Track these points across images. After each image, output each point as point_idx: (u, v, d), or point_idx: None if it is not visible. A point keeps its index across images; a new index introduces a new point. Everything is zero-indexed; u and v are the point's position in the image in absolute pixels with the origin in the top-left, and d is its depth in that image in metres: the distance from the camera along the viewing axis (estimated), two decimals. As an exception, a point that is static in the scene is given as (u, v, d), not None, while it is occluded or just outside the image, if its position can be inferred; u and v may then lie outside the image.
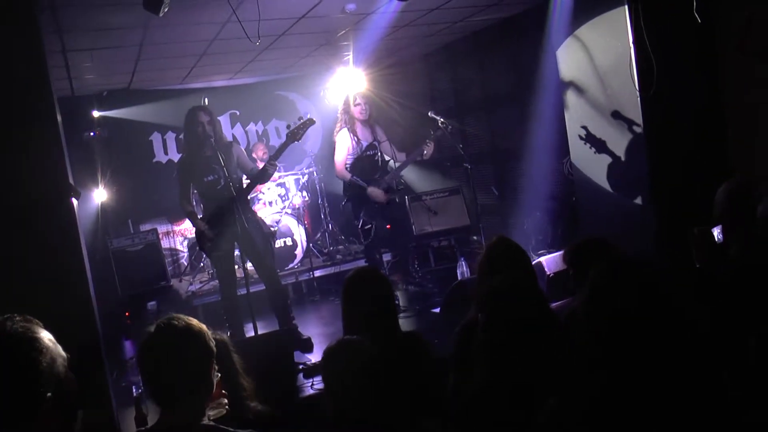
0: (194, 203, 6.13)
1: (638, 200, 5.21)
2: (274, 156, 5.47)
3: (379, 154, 6.52)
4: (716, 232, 3.04)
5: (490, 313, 2.44)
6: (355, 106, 6.45)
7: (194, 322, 2.12)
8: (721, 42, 5.02)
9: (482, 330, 2.44)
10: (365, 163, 6.46)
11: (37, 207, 3.57)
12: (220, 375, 2.29)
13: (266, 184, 8.01)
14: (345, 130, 6.48)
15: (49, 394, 1.41)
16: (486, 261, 3.26)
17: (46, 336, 1.48)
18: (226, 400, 2.39)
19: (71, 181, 3.86)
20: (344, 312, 3.13)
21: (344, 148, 6.46)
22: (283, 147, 5.44)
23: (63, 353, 1.51)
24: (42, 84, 3.66)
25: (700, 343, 2.08)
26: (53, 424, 1.41)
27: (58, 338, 1.69)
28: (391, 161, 6.58)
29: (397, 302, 4.15)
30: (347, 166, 6.48)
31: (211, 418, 2.29)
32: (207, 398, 2.14)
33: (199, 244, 5.65)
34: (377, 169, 6.50)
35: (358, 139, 6.44)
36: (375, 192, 6.37)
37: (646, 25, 4.78)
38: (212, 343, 2.14)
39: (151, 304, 7.22)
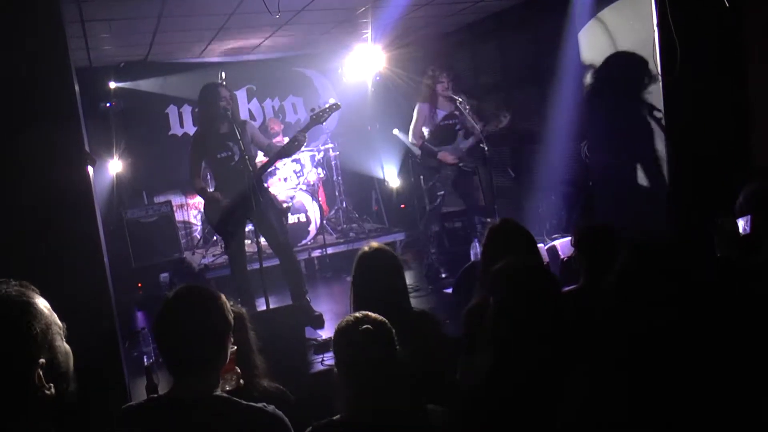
0: (207, 179, 6.13)
1: (656, 187, 5.15)
2: (303, 130, 5.45)
3: (459, 124, 6.60)
4: (741, 223, 3.01)
5: (500, 292, 2.42)
6: (438, 83, 6.55)
7: (212, 292, 2.12)
8: (749, 26, 4.92)
9: (493, 311, 2.42)
10: (442, 132, 6.61)
11: (52, 174, 3.57)
12: (236, 347, 2.28)
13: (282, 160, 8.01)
14: (424, 102, 6.65)
15: (42, 360, 1.40)
16: (489, 244, 3.24)
17: (41, 302, 1.47)
18: (240, 371, 2.39)
19: (87, 149, 3.86)
20: (354, 287, 3.12)
21: (421, 118, 6.66)
22: (307, 128, 5.44)
23: (59, 322, 1.49)
24: (60, 52, 3.65)
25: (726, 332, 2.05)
26: (46, 392, 1.39)
27: (73, 307, 1.69)
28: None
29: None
30: (423, 134, 6.63)
31: (226, 390, 2.28)
32: (221, 370, 2.13)
33: (210, 219, 5.66)
34: (455, 137, 6.62)
35: (436, 109, 6.60)
36: (444, 155, 6.50)
37: (671, 8, 4.70)
38: (231, 316, 2.12)
39: (164, 276, 7.25)
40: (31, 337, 1.39)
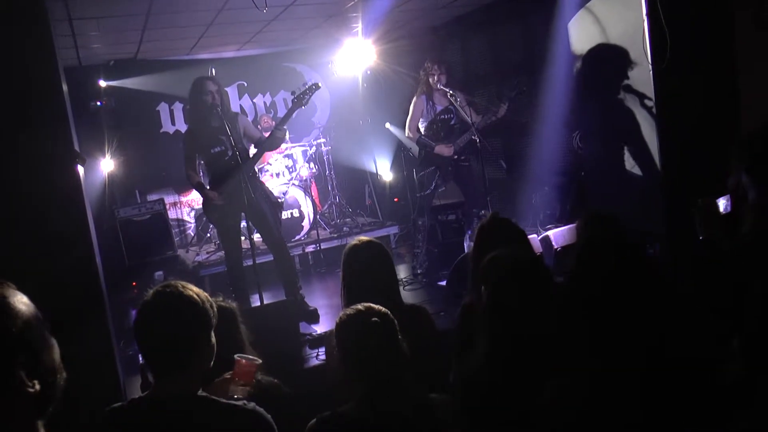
0: (201, 174, 6.11)
1: (648, 176, 5.16)
2: (281, 122, 5.46)
3: (455, 118, 6.57)
4: (722, 202, 2.98)
5: (490, 283, 2.43)
6: (431, 75, 6.48)
7: (194, 290, 2.10)
8: (738, 14, 4.92)
9: (485, 303, 2.43)
10: (439, 126, 6.57)
11: (41, 174, 3.55)
12: (260, 361, 2.28)
13: (273, 155, 8.00)
14: (421, 96, 6.59)
15: (22, 359, 1.38)
16: (479, 239, 3.22)
17: (18, 299, 1.44)
18: (254, 384, 2.39)
19: (77, 148, 3.85)
20: (344, 282, 3.11)
21: (417, 112, 6.61)
22: (290, 113, 5.44)
23: (39, 315, 1.47)
24: (47, 50, 3.62)
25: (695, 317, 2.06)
26: (29, 390, 1.38)
27: (64, 307, 1.68)
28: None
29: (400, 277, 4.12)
30: (420, 129, 6.60)
31: (232, 396, 2.28)
32: (203, 369, 2.12)
33: (206, 214, 5.63)
34: (452, 132, 6.58)
35: (433, 103, 6.54)
36: (441, 148, 6.47)
37: (661, -3, 4.70)
38: (211, 313, 2.11)
39: (158, 274, 7.24)
40: (10, 336, 1.37)
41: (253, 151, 5.65)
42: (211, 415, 2.00)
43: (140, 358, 4.46)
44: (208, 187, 5.60)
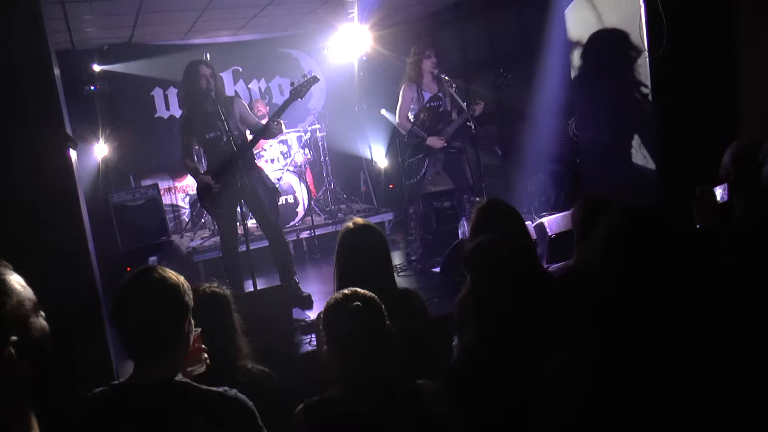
0: (197, 159, 6.07)
1: (644, 163, 5.15)
2: (276, 114, 5.39)
3: (444, 105, 6.43)
4: (719, 191, 2.98)
5: (474, 269, 2.43)
6: (426, 59, 6.31)
7: (171, 274, 2.08)
8: (737, 0, 4.89)
9: (470, 288, 2.43)
10: (428, 114, 6.40)
11: (33, 158, 3.52)
12: (200, 330, 2.26)
13: (268, 141, 7.96)
14: (410, 83, 6.39)
15: (14, 338, 1.37)
16: (477, 223, 3.22)
17: (14, 278, 1.44)
18: (206, 355, 2.37)
19: (69, 132, 3.82)
20: (338, 264, 3.09)
21: (406, 100, 6.41)
22: (286, 104, 5.37)
23: (33, 297, 1.46)
24: (37, 32, 3.58)
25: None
26: (20, 368, 1.37)
27: (59, 292, 1.66)
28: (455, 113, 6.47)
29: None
30: (409, 117, 6.44)
31: (191, 374, 2.26)
32: (182, 354, 2.12)
33: (201, 200, 5.60)
34: (441, 120, 6.42)
35: (422, 90, 6.37)
36: (433, 140, 6.33)
37: (658, -18, 4.67)
38: (188, 298, 2.09)
39: (152, 260, 7.21)
40: (2, 313, 1.36)
41: (250, 136, 5.60)
42: (193, 401, 1.99)
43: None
44: (203, 172, 5.55)
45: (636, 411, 1.73)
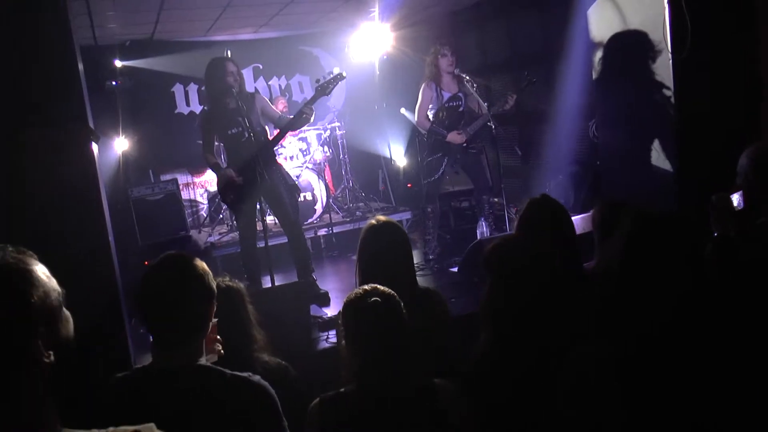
0: (219, 155, 6.09)
1: (665, 166, 5.11)
2: (308, 103, 5.37)
3: (464, 105, 6.39)
4: (735, 198, 2.96)
5: (493, 272, 2.42)
6: (441, 57, 6.30)
7: (198, 261, 2.11)
8: (761, 2, 4.84)
9: (487, 290, 2.42)
10: (448, 113, 6.37)
11: (56, 150, 3.55)
12: (216, 319, 2.28)
13: (287, 138, 7.95)
14: (429, 82, 6.37)
15: (41, 329, 1.38)
16: (523, 218, 3.18)
17: (40, 269, 1.45)
18: (219, 345, 2.38)
19: (91, 125, 3.85)
20: (360, 262, 3.10)
21: (425, 99, 6.39)
22: (313, 99, 5.37)
23: (58, 288, 1.47)
24: (62, 28, 3.62)
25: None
26: (45, 360, 1.38)
27: (79, 285, 1.68)
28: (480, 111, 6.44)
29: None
30: (428, 116, 6.41)
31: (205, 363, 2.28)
32: (203, 340, 2.13)
33: (223, 195, 5.61)
34: (461, 119, 6.38)
35: (441, 90, 6.34)
36: (453, 135, 6.29)
37: (683, -16, 4.62)
38: (213, 284, 2.12)
39: (171, 253, 7.25)
40: (30, 305, 1.37)
41: (271, 132, 5.60)
42: (218, 385, 2.00)
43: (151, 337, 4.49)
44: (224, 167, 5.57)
45: (653, 408, 1.73)
